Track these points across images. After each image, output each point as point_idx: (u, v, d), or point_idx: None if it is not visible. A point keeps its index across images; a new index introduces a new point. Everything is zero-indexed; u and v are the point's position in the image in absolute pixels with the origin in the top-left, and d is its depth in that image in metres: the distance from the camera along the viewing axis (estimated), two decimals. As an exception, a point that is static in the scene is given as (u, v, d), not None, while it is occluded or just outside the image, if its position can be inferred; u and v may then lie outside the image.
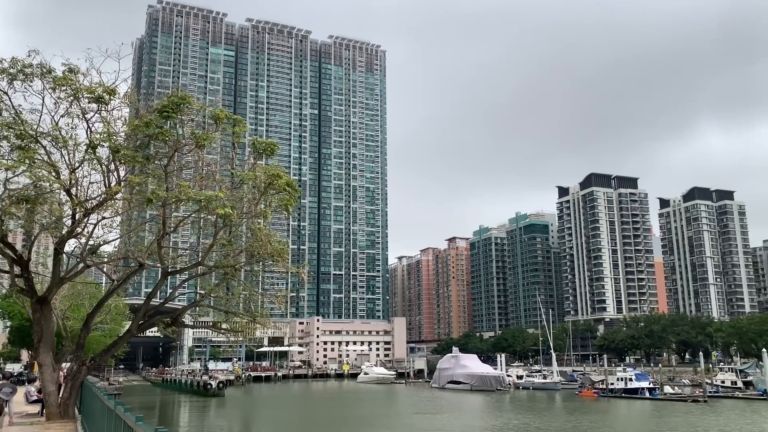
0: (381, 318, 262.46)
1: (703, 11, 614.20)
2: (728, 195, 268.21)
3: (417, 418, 77.08)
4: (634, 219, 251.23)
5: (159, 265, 25.58)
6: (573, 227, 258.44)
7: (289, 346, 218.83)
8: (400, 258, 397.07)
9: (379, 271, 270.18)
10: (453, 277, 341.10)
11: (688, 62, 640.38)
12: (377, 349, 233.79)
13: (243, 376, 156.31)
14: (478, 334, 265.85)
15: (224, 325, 28.93)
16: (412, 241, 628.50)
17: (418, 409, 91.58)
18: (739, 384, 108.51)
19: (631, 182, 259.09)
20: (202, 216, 24.51)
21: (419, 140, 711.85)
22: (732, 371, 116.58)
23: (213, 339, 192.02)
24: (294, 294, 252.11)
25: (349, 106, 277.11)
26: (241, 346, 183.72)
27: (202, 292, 28.96)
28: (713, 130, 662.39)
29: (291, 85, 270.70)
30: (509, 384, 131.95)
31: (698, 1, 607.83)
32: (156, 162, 23.57)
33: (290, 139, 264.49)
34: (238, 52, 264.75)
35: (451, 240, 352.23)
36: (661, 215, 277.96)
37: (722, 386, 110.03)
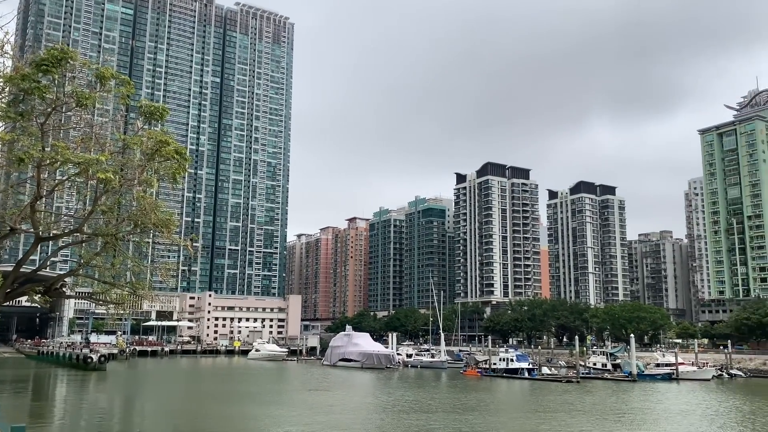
0: (276, 295, 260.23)
1: (601, 11, 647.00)
2: (611, 190, 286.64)
3: (309, 395, 77.45)
4: (525, 208, 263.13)
5: (33, 230, 23.91)
6: (468, 213, 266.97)
7: (178, 320, 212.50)
8: (299, 236, 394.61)
9: (276, 247, 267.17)
10: (351, 257, 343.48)
11: (583, 59, 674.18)
12: (271, 327, 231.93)
13: (127, 350, 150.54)
14: (372, 314, 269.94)
15: (105, 297, 27.53)
16: (312, 220, 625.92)
17: (309, 385, 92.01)
18: (609, 366, 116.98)
19: (524, 173, 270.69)
20: (82, 180, 23.06)
21: (325, 117, 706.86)
22: (603, 354, 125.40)
23: (96, 311, 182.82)
24: (186, 268, 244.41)
25: (253, 77, 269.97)
26: (125, 320, 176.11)
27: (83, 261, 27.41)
28: (603, 125, 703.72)
29: (192, 50, 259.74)
30: (399, 362, 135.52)
31: (598, 0, 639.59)
32: (32, 119, 21.90)
33: (189, 107, 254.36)
34: (137, 10, 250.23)
35: (352, 220, 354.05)
36: (549, 206, 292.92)
37: (594, 368, 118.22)
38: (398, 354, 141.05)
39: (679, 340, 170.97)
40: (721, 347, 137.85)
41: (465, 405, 65.89)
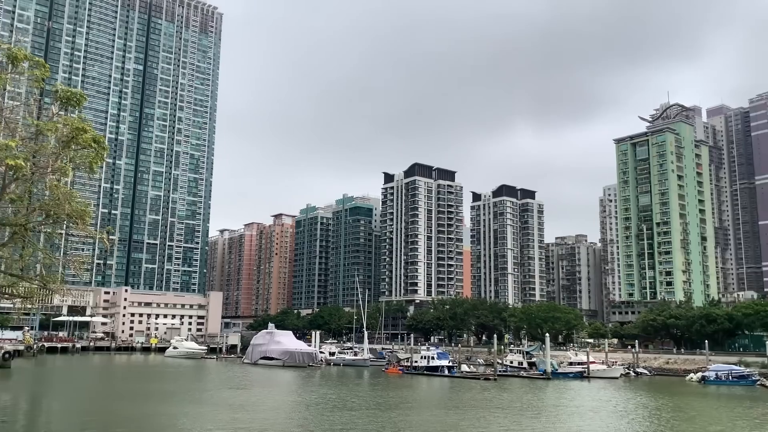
0: (196, 292, 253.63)
1: (526, 17, 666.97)
2: (530, 194, 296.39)
3: (229, 393, 75.90)
4: (449, 210, 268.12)
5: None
6: (395, 213, 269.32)
7: (91, 316, 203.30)
8: (222, 231, 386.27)
9: (198, 243, 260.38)
10: (276, 254, 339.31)
11: (509, 64, 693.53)
12: (190, 324, 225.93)
13: (35, 346, 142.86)
14: (296, 312, 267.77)
15: (12, 290, 26.06)
16: (237, 215, 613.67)
17: (230, 384, 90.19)
18: (525, 364, 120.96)
19: (450, 175, 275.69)
20: (-12, 166, 21.68)
21: (254, 111, 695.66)
22: (520, 353, 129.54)
23: (1, 305, 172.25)
24: (101, 262, 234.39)
25: (178, 66, 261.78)
26: (34, 315, 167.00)
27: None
28: (527, 131, 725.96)
29: (114, 35, 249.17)
30: (321, 360, 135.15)
31: (525, 6, 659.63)
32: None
33: (109, 94, 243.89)
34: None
35: (278, 216, 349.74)
36: (473, 208, 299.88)
37: (511, 366, 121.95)
38: (321, 352, 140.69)
39: (591, 340, 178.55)
40: (629, 347, 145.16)
41: (388, 402, 66.44)
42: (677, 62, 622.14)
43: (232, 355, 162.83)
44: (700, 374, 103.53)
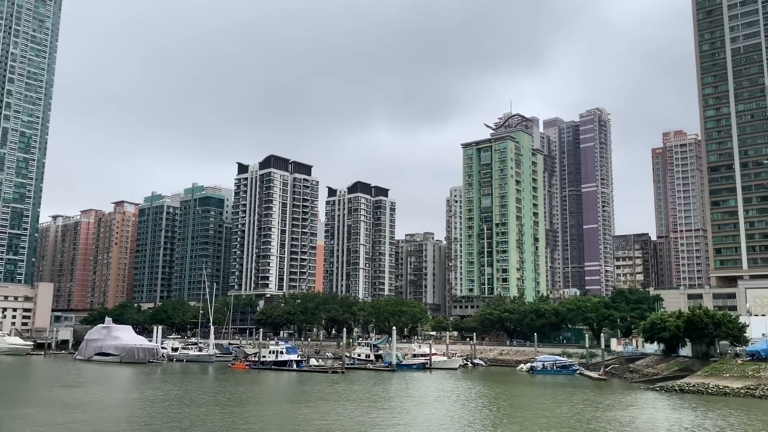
0: (23, 282, 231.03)
1: (392, 16, 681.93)
2: (384, 192, 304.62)
3: (62, 392, 70.58)
4: (305, 204, 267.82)
5: None
6: (248, 205, 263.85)
7: None
8: (55, 217, 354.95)
9: (26, 229, 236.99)
10: (116, 244, 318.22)
11: (370, 60, 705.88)
12: (14, 317, 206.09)
13: None
14: (136, 305, 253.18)
15: None
16: (73, 200, 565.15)
17: (61, 381, 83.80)
18: (372, 357, 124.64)
19: (307, 169, 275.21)
20: None
21: (97, 89, 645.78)
22: (367, 346, 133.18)
23: None
24: None
25: (9, 34, 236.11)
26: None
27: None
28: (385, 128, 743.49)
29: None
30: (163, 356, 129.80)
31: (390, 5, 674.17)
32: None
33: None
34: None
35: (119, 204, 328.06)
36: (328, 203, 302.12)
37: (358, 359, 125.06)
38: (163, 347, 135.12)
39: (434, 333, 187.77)
40: (468, 339, 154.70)
41: (238, 398, 65.60)
42: (524, 73, 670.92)
43: (63, 351, 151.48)
44: (529, 365, 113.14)
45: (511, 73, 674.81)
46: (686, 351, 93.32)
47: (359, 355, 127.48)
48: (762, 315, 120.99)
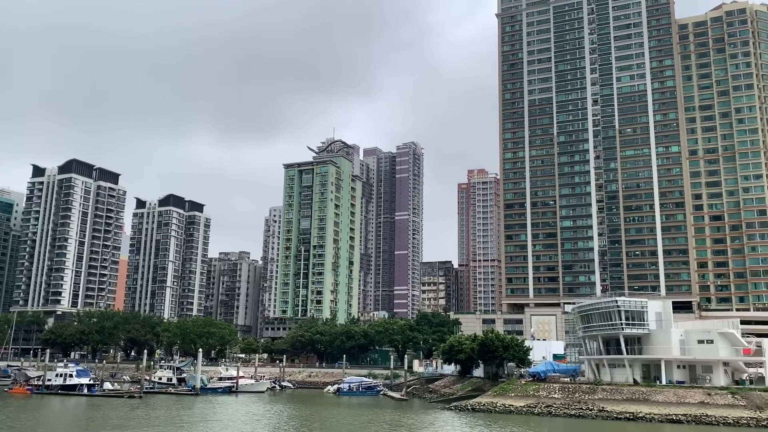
0: None
1: (220, 25, 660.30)
2: (199, 207, 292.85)
3: None
4: (109, 214, 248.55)
5: None
6: (42, 212, 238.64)
7: None
8: None
9: None
10: None
11: (200, 66, 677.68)
12: None
13: None
14: None
15: None
16: None
17: None
18: (174, 381, 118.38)
19: (113, 177, 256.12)
20: None
21: None
22: (170, 369, 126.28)
23: None
24: None
25: None
26: None
27: None
28: (207, 139, 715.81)
29: None
30: None
31: (216, 16, 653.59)
32: None
33: None
34: None
35: None
36: (135, 215, 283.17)
37: (159, 383, 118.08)
38: None
39: (243, 355, 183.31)
40: (278, 361, 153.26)
41: (20, 427, 58.48)
42: (355, 98, 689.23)
43: None
44: (336, 386, 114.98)
45: (343, 96, 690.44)
46: (479, 372, 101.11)
47: (160, 379, 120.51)
48: (543, 339, 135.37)
